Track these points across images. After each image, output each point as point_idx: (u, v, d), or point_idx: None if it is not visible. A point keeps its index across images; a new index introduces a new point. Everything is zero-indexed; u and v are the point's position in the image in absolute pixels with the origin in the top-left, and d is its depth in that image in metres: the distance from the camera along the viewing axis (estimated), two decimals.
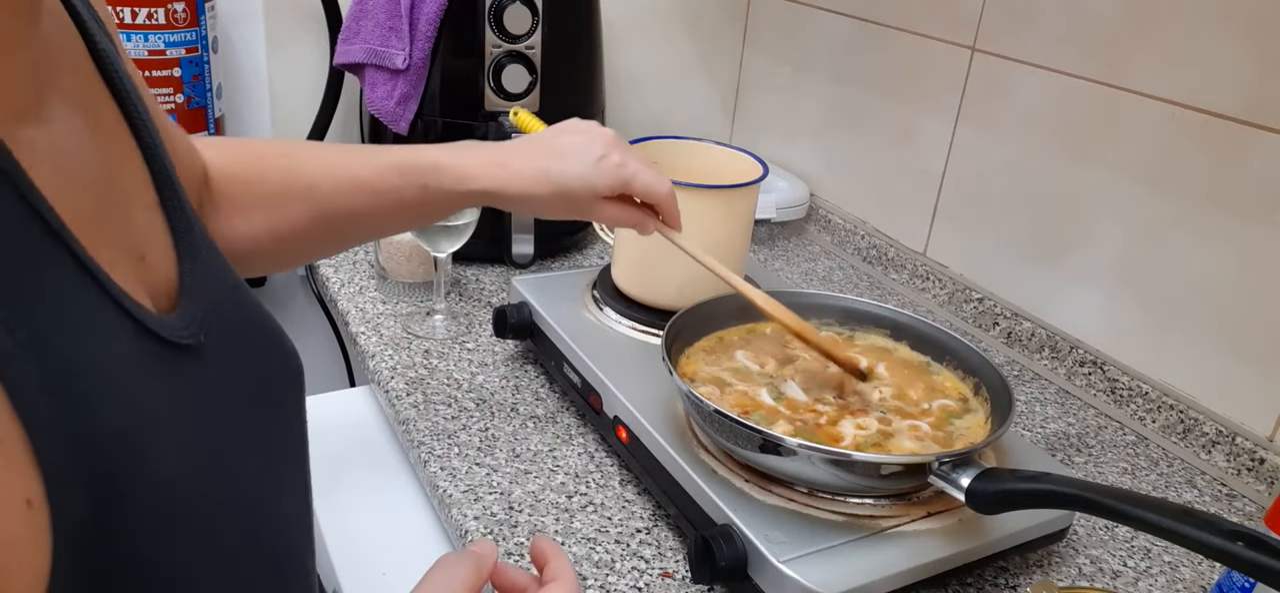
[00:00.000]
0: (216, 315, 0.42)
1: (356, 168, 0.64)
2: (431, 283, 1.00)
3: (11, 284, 0.29)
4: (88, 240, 0.33)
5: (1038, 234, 1.05)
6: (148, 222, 0.41)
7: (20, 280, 0.29)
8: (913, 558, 0.63)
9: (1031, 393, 1.00)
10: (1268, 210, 0.83)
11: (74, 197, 0.34)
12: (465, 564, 0.46)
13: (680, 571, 0.68)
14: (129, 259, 0.38)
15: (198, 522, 0.35)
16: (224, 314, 0.44)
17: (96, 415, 0.31)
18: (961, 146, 1.13)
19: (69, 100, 0.37)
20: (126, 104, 0.43)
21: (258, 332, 0.48)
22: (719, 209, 0.87)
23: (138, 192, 0.42)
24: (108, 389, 0.32)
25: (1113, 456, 0.90)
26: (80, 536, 0.29)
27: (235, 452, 0.40)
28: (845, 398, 0.74)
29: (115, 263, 0.35)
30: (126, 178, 0.41)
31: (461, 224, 0.92)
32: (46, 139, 0.34)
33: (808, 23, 1.36)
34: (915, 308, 1.16)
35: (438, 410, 0.85)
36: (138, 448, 0.32)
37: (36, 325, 0.29)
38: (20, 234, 0.30)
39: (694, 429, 0.72)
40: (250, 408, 0.43)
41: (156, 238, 0.41)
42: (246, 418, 0.43)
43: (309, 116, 1.23)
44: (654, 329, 0.86)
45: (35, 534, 0.28)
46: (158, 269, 0.40)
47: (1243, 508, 0.84)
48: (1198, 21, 0.86)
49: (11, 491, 0.27)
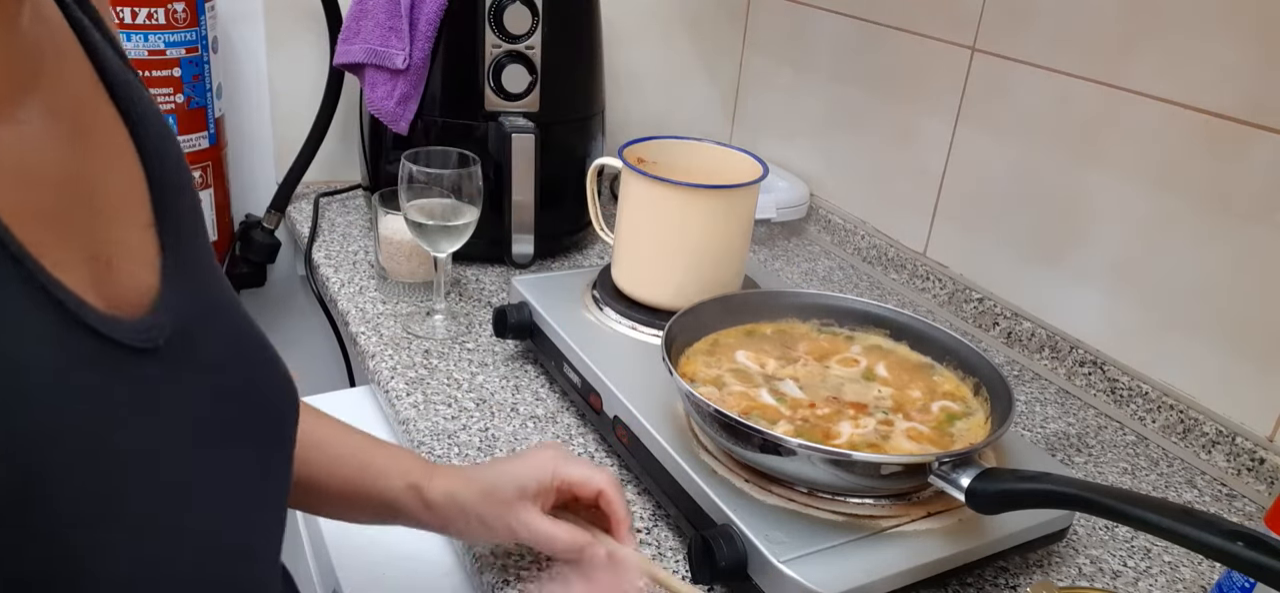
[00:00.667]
0: (189, 333, 0.42)
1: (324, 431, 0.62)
2: (432, 283, 1.00)
3: None
4: (34, 238, 0.34)
5: (1038, 234, 1.05)
6: (128, 232, 0.41)
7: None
8: (913, 558, 0.63)
9: (1031, 393, 1.00)
10: (1268, 210, 0.83)
11: (29, 196, 0.35)
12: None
13: (680, 571, 0.68)
14: (88, 262, 0.38)
15: (126, 522, 0.35)
16: (204, 334, 0.43)
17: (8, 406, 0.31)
18: (961, 147, 1.13)
19: (50, 104, 0.38)
20: (132, 119, 0.43)
21: (248, 358, 0.47)
22: (719, 209, 0.87)
23: (125, 203, 0.42)
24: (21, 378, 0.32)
25: (1113, 456, 0.90)
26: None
27: (170, 466, 0.39)
28: (844, 399, 0.74)
29: (67, 264, 0.36)
30: (112, 187, 0.41)
31: (461, 224, 0.92)
32: (10, 137, 0.35)
33: (808, 23, 1.36)
34: (915, 308, 1.16)
35: (438, 410, 0.85)
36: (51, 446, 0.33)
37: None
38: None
39: (694, 429, 0.72)
40: (214, 426, 0.43)
41: (137, 248, 0.41)
42: (206, 433, 0.42)
43: (309, 117, 1.23)
44: (654, 329, 0.86)
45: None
46: (130, 277, 0.40)
47: (1243, 508, 0.84)
48: (1198, 21, 0.86)
49: None
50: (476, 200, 0.93)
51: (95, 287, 0.38)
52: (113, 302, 0.38)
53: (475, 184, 0.93)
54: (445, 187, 0.92)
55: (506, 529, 0.62)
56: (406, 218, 0.92)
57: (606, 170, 0.98)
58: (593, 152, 1.18)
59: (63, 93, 0.40)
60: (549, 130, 1.08)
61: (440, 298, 0.98)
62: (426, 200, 0.92)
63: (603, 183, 1.39)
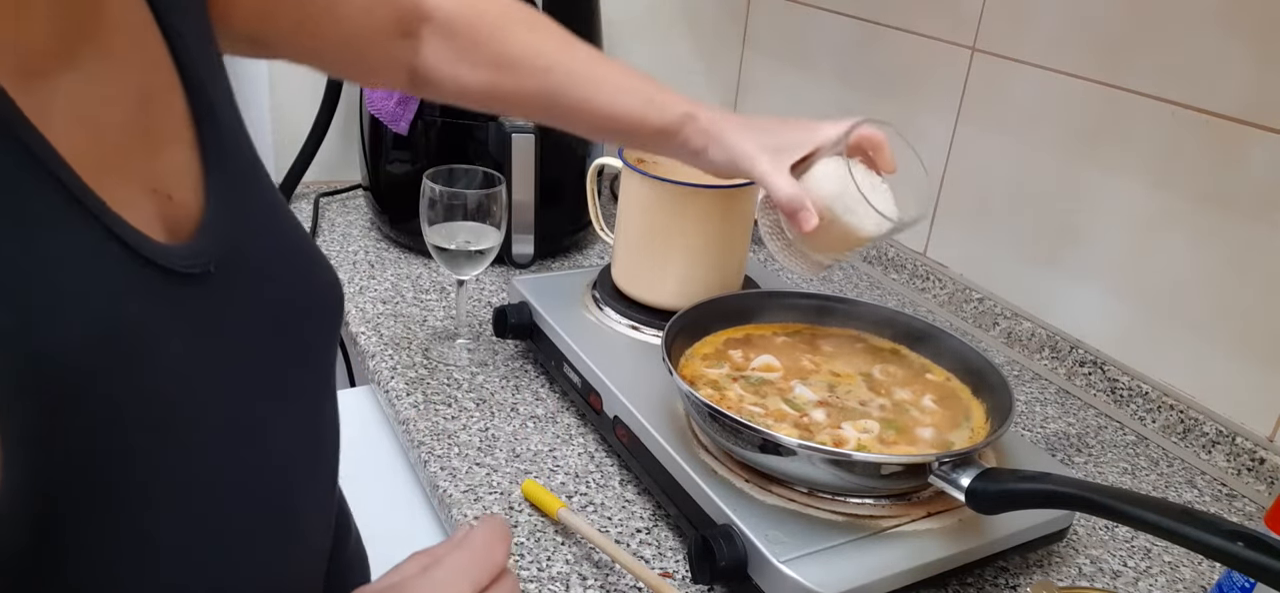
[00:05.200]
0: (239, 249, 0.43)
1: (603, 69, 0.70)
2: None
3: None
4: (99, 180, 0.36)
5: (1038, 234, 1.05)
6: (179, 157, 0.43)
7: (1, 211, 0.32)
8: (913, 558, 0.63)
9: (1031, 393, 1.00)
10: (1267, 210, 0.83)
11: (93, 140, 0.37)
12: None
13: (680, 571, 0.68)
14: (151, 196, 0.40)
15: (171, 441, 0.37)
16: (252, 247, 0.45)
17: (58, 332, 0.32)
18: (961, 146, 1.13)
19: (106, 43, 0.39)
20: (174, 39, 0.44)
21: (293, 264, 0.49)
22: (719, 209, 0.87)
23: (173, 127, 0.43)
24: (79, 308, 0.33)
25: (1113, 456, 0.90)
26: (36, 441, 0.31)
27: (230, 380, 0.41)
28: (845, 399, 0.74)
29: (133, 201, 0.38)
30: (163, 113, 0.43)
31: (485, 249, 0.89)
32: (70, 86, 0.36)
33: (808, 23, 1.36)
34: (915, 308, 1.16)
35: (438, 410, 0.85)
36: (108, 365, 0.34)
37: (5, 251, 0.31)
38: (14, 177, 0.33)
39: (694, 429, 0.72)
40: (261, 341, 0.44)
41: (187, 173, 0.43)
42: (254, 349, 0.44)
43: (309, 116, 1.23)
44: (654, 329, 0.86)
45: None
46: (183, 204, 0.42)
47: (1243, 508, 0.84)
48: (1198, 21, 0.86)
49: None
50: (501, 222, 0.89)
51: (160, 217, 0.40)
52: (174, 230, 0.40)
53: (500, 204, 0.89)
54: (469, 207, 0.88)
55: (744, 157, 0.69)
56: (428, 243, 0.89)
57: (606, 170, 0.98)
58: (593, 152, 1.18)
59: (122, 27, 0.41)
60: (549, 130, 1.07)
61: (463, 321, 0.97)
62: (449, 224, 0.88)
63: (603, 183, 1.39)
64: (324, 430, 0.52)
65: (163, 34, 0.43)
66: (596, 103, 0.70)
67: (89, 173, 0.35)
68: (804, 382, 0.75)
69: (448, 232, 0.88)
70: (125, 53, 0.41)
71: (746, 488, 0.66)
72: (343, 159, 1.33)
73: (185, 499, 0.37)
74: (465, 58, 0.68)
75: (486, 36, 0.68)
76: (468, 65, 0.68)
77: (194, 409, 0.38)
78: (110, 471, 0.34)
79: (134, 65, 0.41)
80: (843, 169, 0.68)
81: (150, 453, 0.36)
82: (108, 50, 0.39)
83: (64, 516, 0.32)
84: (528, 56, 0.69)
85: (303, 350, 0.49)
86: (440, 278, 1.10)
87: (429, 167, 0.89)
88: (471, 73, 0.68)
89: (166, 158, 0.42)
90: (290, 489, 0.46)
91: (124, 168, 0.39)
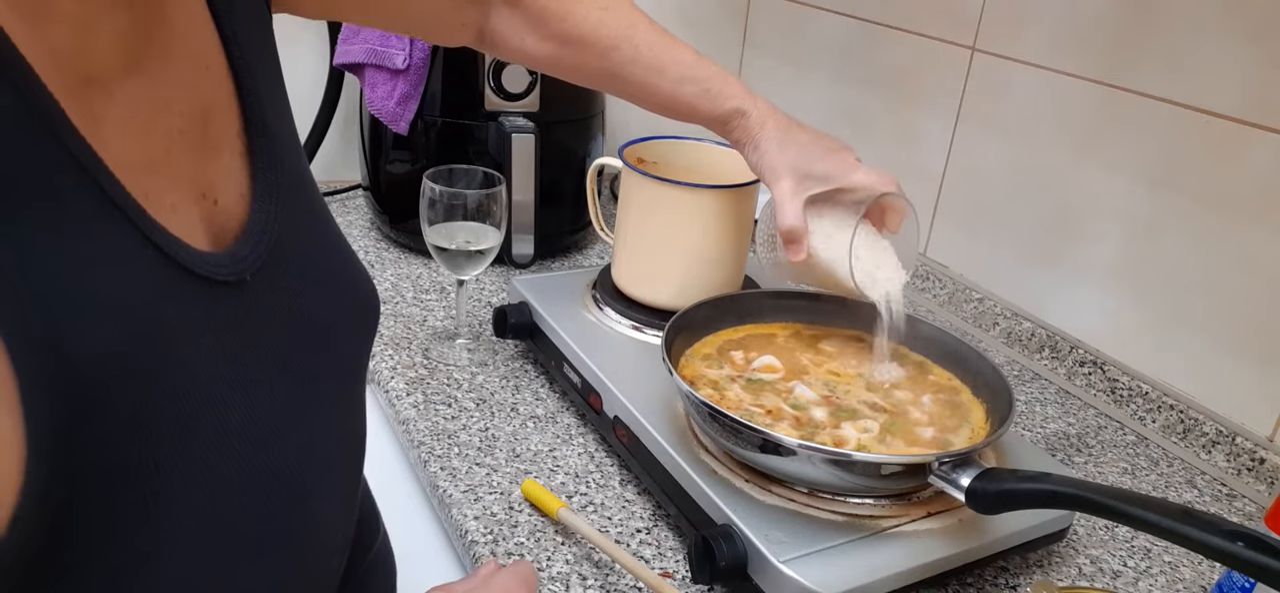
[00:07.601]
0: (280, 257, 0.44)
1: (667, 55, 0.73)
2: None
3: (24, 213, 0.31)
4: (146, 184, 0.36)
5: (1038, 234, 1.05)
6: (229, 163, 0.43)
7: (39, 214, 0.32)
8: (913, 558, 0.63)
9: (1031, 393, 1.00)
10: (1267, 210, 0.83)
11: (144, 145, 0.37)
12: None
13: (680, 571, 0.68)
14: (198, 202, 0.40)
15: (195, 445, 0.37)
16: (293, 256, 0.45)
17: (89, 336, 0.32)
18: (961, 147, 1.13)
19: (169, 50, 0.39)
20: (231, 46, 0.44)
21: (333, 274, 0.49)
22: (719, 209, 0.87)
23: (225, 133, 0.43)
24: (111, 313, 0.33)
25: (1113, 456, 0.90)
26: (60, 441, 0.31)
27: (259, 387, 0.41)
28: (845, 399, 0.74)
29: (179, 205, 0.38)
30: (216, 119, 0.43)
31: (485, 249, 0.89)
32: (128, 92, 0.37)
33: (808, 23, 1.35)
34: (915, 308, 1.16)
35: (438, 410, 0.85)
36: (136, 368, 0.34)
37: (39, 253, 0.31)
38: (53, 181, 0.32)
39: (694, 429, 0.72)
40: (296, 349, 0.44)
41: (234, 179, 0.43)
42: (287, 357, 0.44)
43: (309, 116, 1.23)
44: (654, 329, 0.86)
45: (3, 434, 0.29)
46: (228, 210, 0.42)
47: (1243, 508, 0.84)
48: (1198, 21, 0.86)
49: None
50: (501, 222, 0.89)
51: (204, 222, 0.40)
52: (218, 235, 0.41)
53: (500, 204, 0.89)
54: (469, 207, 0.88)
55: (771, 172, 0.74)
56: (428, 243, 0.89)
57: (606, 170, 0.98)
58: (593, 151, 1.18)
59: (188, 35, 0.41)
60: (549, 130, 1.08)
61: (463, 322, 0.97)
62: (449, 224, 0.88)
63: (603, 183, 1.39)
64: (349, 439, 0.52)
65: (221, 40, 0.44)
66: (656, 87, 0.74)
67: (136, 177, 0.35)
68: (804, 382, 0.75)
69: (448, 232, 0.88)
70: (185, 59, 0.41)
71: (746, 488, 0.66)
72: (343, 159, 1.33)
73: (203, 502, 0.37)
74: (533, 30, 0.70)
75: (556, 12, 0.70)
76: (535, 37, 0.71)
77: (220, 415, 0.38)
78: (131, 474, 0.34)
79: (192, 73, 0.41)
80: (849, 231, 0.73)
81: (173, 457, 0.35)
82: (168, 57, 0.39)
83: (80, 518, 0.32)
84: (595, 35, 0.71)
85: (336, 359, 0.49)
86: (440, 278, 1.10)
87: (429, 166, 0.89)
88: (538, 45, 0.71)
89: (216, 164, 0.42)
90: (310, 494, 0.46)
91: (174, 173, 0.39)
